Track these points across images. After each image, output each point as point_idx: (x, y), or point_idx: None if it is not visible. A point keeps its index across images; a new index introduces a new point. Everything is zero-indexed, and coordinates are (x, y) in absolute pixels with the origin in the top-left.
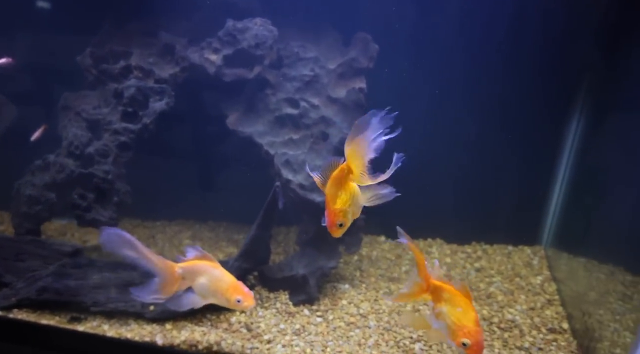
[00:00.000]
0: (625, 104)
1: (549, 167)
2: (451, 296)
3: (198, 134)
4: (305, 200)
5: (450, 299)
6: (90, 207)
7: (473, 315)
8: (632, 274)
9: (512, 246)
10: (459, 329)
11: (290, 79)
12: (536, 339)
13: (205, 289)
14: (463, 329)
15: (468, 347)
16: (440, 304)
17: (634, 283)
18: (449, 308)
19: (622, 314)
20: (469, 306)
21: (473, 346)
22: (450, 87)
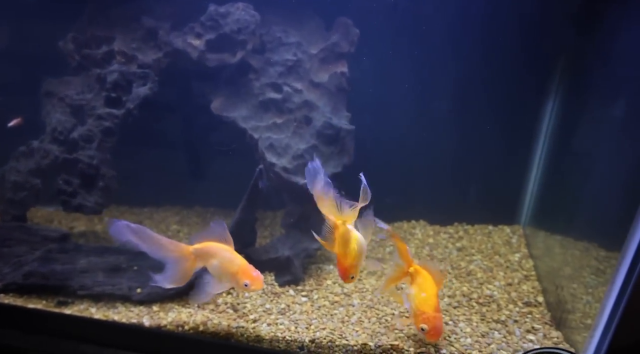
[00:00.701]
0: (598, 86)
1: (526, 149)
2: (422, 281)
3: (183, 120)
4: (289, 183)
5: (421, 284)
6: (75, 193)
7: (434, 302)
8: (606, 250)
9: (492, 225)
10: (420, 314)
11: (273, 64)
12: (512, 313)
13: (217, 271)
14: (423, 315)
15: (426, 332)
16: (412, 286)
17: (607, 258)
18: (416, 292)
19: (595, 287)
20: (434, 293)
21: (430, 331)
22: (428, 71)
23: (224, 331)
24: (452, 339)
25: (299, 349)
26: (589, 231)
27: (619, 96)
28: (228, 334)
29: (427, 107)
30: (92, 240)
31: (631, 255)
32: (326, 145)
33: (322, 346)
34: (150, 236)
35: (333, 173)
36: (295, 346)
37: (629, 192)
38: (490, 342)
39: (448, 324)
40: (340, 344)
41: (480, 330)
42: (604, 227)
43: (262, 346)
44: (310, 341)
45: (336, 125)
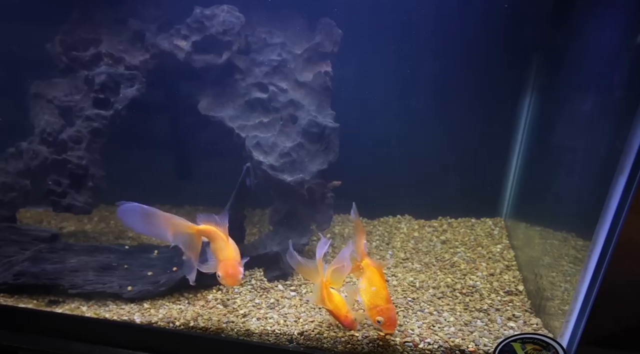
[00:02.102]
0: (572, 82)
1: (505, 143)
2: (371, 275)
3: (170, 120)
4: (276, 180)
5: (370, 278)
6: (65, 193)
7: (385, 294)
8: (584, 239)
9: (475, 218)
10: (373, 307)
11: (259, 64)
12: (494, 302)
13: (212, 254)
14: (377, 308)
15: (382, 323)
16: (362, 280)
17: (584, 247)
18: (366, 286)
19: (573, 275)
20: (383, 285)
21: (386, 322)
22: (408, 69)
23: (214, 326)
24: (436, 329)
25: (288, 342)
26: (567, 222)
27: (591, 91)
28: (218, 329)
29: (409, 104)
30: (82, 240)
31: (601, 243)
32: (312, 143)
33: (311, 339)
34: (160, 215)
35: (319, 170)
36: (284, 339)
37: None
38: (473, 330)
39: (432, 314)
40: (329, 336)
41: (464, 319)
42: (581, 217)
43: (252, 340)
44: (299, 333)
45: (321, 123)
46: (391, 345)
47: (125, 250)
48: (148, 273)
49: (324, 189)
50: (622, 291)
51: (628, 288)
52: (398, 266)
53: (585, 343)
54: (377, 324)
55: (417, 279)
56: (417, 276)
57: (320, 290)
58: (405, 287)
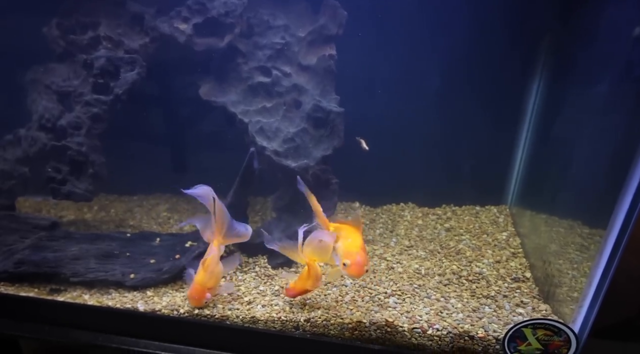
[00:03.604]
0: (583, 66)
1: (512, 130)
2: (346, 233)
3: (171, 107)
4: (280, 166)
5: (345, 235)
6: (65, 180)
7: (359, 242)
8: (589, 227)
9: (479, 206)
10: (344, 255)
11: (262, 48)
12: (501, 288)
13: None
14: (346, 254)
15: (348, 266)
16: (338, 241)
17: (590, 235)
18: (342, 241)
19: (580, 263)
20: (357, 237)
21: (352, 266)
22: (414, 53)
23: (219, 313)
24: (444, 315)
25: (294, 329)
26: (573, 210)
27: (604, 76)
28: (223, 316)
29: (414, 89)
30: (82, 228)
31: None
32: (316, 128)
33: (317, 325)
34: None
35: (323, 156)
36: (290, 326)
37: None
38: (482, 316)
39: (440, 300)
40: (335, 322)
41: (471, 305)
42: (588, 205)
43: (257, 327)
44: (305, 320)
45: (326, 108)
46: (399, 331)
47: (126, 238)
48: (150, 260)
49: (328, 175)
50: (637, 280)
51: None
52: (403, 253)
53: (597, 330)
54: (344, 269)
55: (423, 266)
56: (422, 263)
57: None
58: (410, 274)
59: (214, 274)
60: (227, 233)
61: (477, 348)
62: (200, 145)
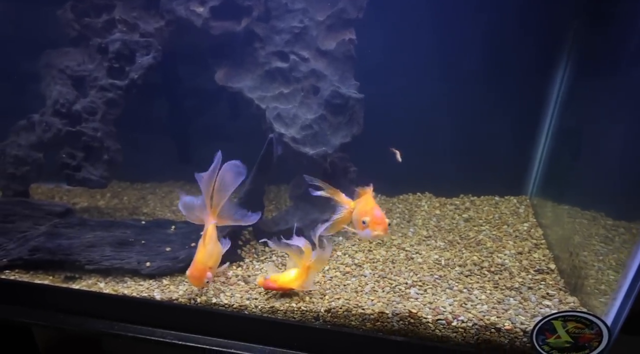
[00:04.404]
0: (612, 53)
1: (534, 118)
2: (361, 200)
3: (184, 93)
4: (298, 153)
5: (360, 201)
6: (80, 166)
7: (371, 203)
8: (613, 219)
9: (499, 196)
10: (360, 214)
11: (279, 32)
12: (525, 280)
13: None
14: (362, 213)
15: (368, 223)
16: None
17: (614, 227)
18: (358, 208)
19: (605, 255)
20: (370, 199)
21: (372, 220)
22: (436, 37)
23: (237, 302)
24: (468, 306)
25: (314, 320)
26: (596, 201)
27: (634, 65)
28: (241, 306)
29: (434, 76)
30: (95, 216)
31: None
32: (334, 115)
33: (338, 316)
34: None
35: (342, 143)
36: (310, 316)
37: None
38: (507, 308)
39: (462, 292)
40: (357, 313)
41: (495, 297)
42: (611, 197)
43: (276, 317)
44: (325, 311)
45: (345, 94)
46: (423, 323)
47: (141, 225)
48: (166, 248)
49: (346, 163)
50: None
51: None
52: (421, 243)
53: (629, 324)
54: (364, 228)
55: (442, 256)
56: (441, 253)
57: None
58: (430, 264)
59: (213, 253)
60: (221, 213)
61: (504, 341)
62: (215, 132)
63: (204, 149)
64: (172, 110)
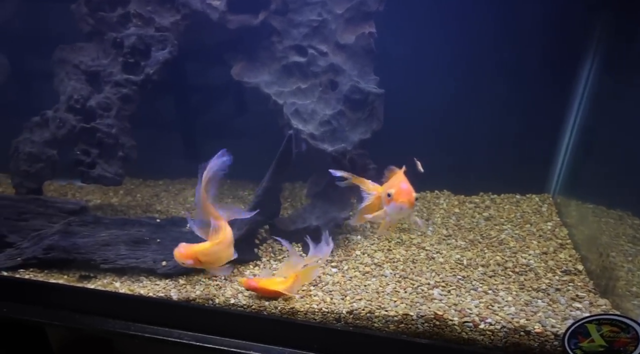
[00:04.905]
0: None
1: (559, 114)
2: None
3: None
4: (316, 150)
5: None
6: (94, 163)
7: (400, 178)
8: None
9: (520, 195)
10: (387, 189)
11: (297, 25)
12: (552, 281)
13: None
14: (389, 187)
15: (393, 195)
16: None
17: None
18: (386, 185)
19: (635, 256)
20: (400, 175)
21: (396, 192)
22: (459, 35)
23: (255, 303)
24: (495, 308)
25: (336, 321)
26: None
27: None
28: (260, 307)
29: (455, 70)
30: (109, 213)
31: None
32: (353, 110)
33: (361, 318)
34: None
35: (361, 140)
36: (331, 317)
37: None
38: (536, 310)
39: (488, 293)
40: (380, 315)
41: (523, 299)
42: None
43: (296, 318)
44: (347, 312)
45: (364, 89)
46: (449, 325)
47: (156, 223)
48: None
49: (365, 160)
50: None
51: None
52: (441, 242)
53: None
54: (389, 203)
55: (464, 256)
56: (463, 253)
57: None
58: (452, 264)
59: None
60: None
61: (533, 344)
62: (229, 128)
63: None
64: (185, 105)
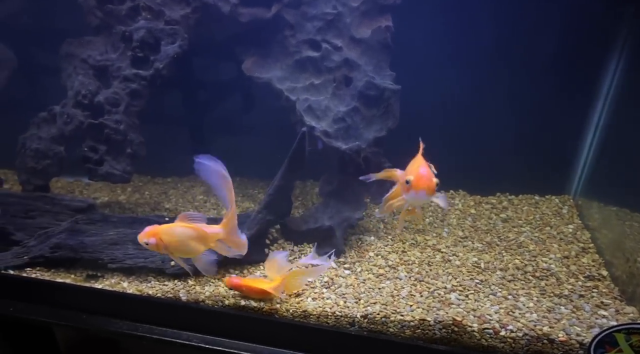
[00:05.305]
0: None
1: (581, 113)
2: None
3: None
4: (329, 148)
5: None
6: (102, 160)
7: (419, 162)
8: None
9: (539, 196)
10: (405, 176)
11: (311, 19)
12: (575, 287)
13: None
14: (408, 173)
15: (412, 182)
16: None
17: None
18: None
19: None
20: (418, 159)
21: (415, 179)
22: (478, 31)
23: (267, 306)
24: (516, 315)
25: (350, 325)
26: None
27: None
28: (272, 309)
29: (472, 64)
30: (116, 211)
31: None
32: (368, 107)
33: (376, 322)
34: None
35: (376, 137)
36: (345, 321)
37: None
38: (560, 318)
39: (507, 298)
40: (395, 319)
41: (544, 305)
42: None
43: (309, 322)
44: (362, 316)
45: (380, 85)
46: (468, 331)
47: (165, 222)
48: None
49: (380, 158)
50: None
51: None
52: (457, 244)
53: None
54: (408, 191)
55: (482, 259)
56: (480, 256)
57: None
58: (469, 268)
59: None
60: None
61: (557, 353)
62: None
63: (227, 142)
64: (195, 101)
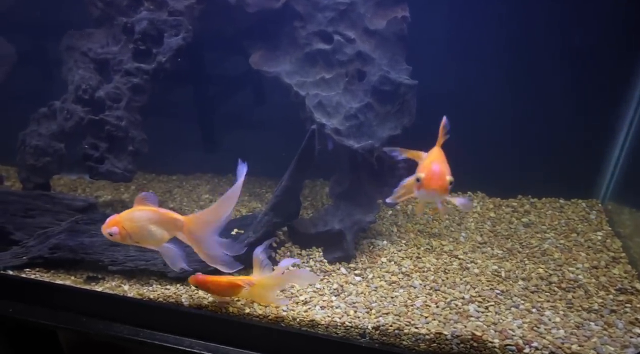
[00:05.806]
0: None
1: (613, 114)
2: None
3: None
4: (340, 147)
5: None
6: (103, 158)
7: (434, 156)
8: None
9: (564, 199)
10: (419, 171)
11: (322, 9)
12: (606, 301)
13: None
14: (421, 169)
15: (422, 180)
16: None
17: None
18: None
19: None
20: (434, 152)
21: (426, 177)
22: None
23: (272, 313)
24: (542, 331)
25: (360, 337)
26: None
27: None
28: (278, 317)
29: (495, 60)
30: (119, 210)
31: None
32: (382, 103)
33: (388, 334)
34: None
35: (390, 136)
36: (355, 332)
37: None
38: (590, 335)
39: (531, 312)
40: (409, 332)
41: (572, 320)
42: None
43: (317, 332)
44: (373, 327)
45: (395, 80)
46: (488, 347)
47: None
48: None
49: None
50: None
51: None
52: (475, 250)
53: None
54: (419, 189)
55: (502, 267)
56: (501, 263)
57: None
58: (489, 276)
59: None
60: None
61: None
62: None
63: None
64: (200, 96)
